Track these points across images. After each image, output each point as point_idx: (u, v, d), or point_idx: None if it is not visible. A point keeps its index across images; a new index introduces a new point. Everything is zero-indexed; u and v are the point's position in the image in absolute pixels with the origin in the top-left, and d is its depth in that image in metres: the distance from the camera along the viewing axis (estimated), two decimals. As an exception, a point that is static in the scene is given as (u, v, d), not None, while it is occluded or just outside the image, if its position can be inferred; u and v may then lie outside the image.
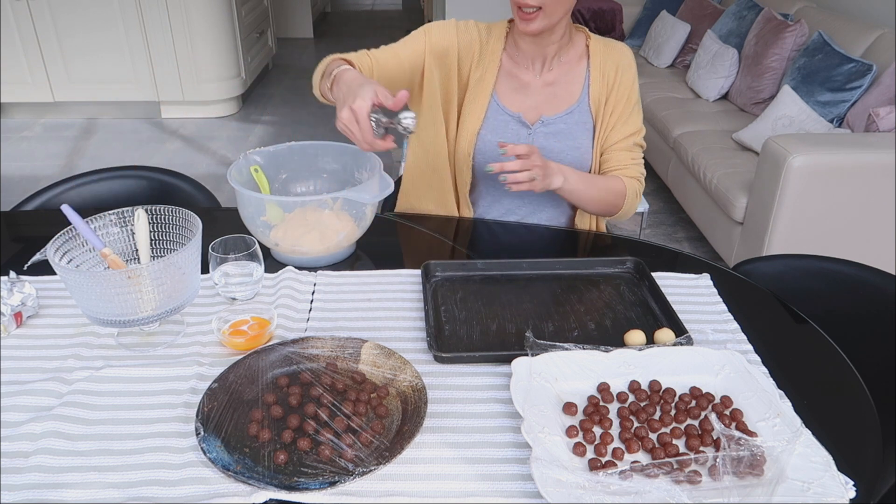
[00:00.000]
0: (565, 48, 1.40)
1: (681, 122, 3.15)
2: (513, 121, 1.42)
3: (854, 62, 2.67)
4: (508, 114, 1.42)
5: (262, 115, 4.61)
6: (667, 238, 3.05)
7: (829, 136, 2.41)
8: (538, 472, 0.77)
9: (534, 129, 1.42)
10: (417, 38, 1.42)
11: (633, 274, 1.23)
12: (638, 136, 1.44)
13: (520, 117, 1.42)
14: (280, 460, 0.82)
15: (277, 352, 1.00)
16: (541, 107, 1.42)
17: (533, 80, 1.42)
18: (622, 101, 1.41)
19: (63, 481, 0.81)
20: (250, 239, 1.17)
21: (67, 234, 1.03)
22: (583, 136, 1.42)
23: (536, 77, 1.42)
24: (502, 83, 1.43)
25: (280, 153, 1.37)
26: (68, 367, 0.98)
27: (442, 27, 1.42)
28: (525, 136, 1.42)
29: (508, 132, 1.42)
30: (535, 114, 1.42)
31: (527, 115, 1.42)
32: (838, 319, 1.16)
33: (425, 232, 1.42)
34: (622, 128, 1.42)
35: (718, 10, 3.80)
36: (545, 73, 1.41)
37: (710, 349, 0.99)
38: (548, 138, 1.41)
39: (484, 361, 1.00)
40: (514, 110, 1.42)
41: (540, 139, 1.41)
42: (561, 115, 1.41)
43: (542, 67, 1.41)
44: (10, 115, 4.47)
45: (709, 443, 0.85)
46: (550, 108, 1.42)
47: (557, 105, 1.42)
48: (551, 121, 1.41)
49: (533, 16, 1.27)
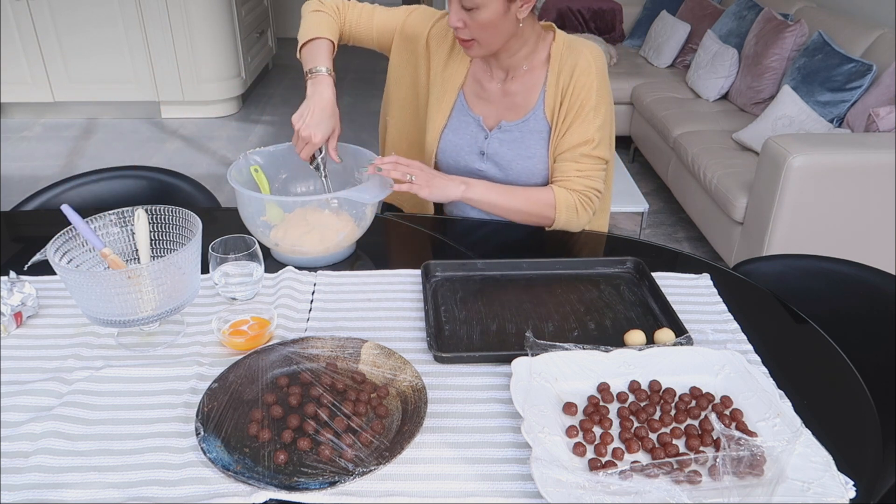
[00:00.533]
0: (529, 57, 1.36)
1: (681, 122, 3.15)
2: (474, 123, 1.42)
3: (854, 62, 2.67)
4: (471, 115, 1.42)
5: (262, 115, 4.61)
6: (667, 238, 3.05)
7: (829, 136, 2.41)
8: (538, 472, 0.77)
9: (491, 135, 1.41)
10: (396, 16, 1.44)
11: (633, 274, 1.23)
12: (588, 147, 1.34)
13: (480, 121, 1.41)
14: (280, 460, 0.82)
15: (277, 352, 1.00)
16: (502, 114, 1.41)
17: (494, 89, 1.40)
18: (575, 107, 1.33)
19: (63, 481, 0.81)
20: (250, 239, 1.17)
21: (67, 234, 1.03)
22: (536, 144, 1.39)
23: (498, 85, 1.40)
24: (469, 85, 1.42)
25: (280, 153, 1.37)
26: (68, 367, 0.98)
27: (422, 13, 1.44)
28: (482, 141, 1.41)
29: (468, 135, 1.43)
30: (496, 119, 1.41)
31: (487, 119, 1.41)
32: (838, 319, 1.16)
33: (425, 232, 1.42)
34: (570, 136, 1.34)
35: (718, 10, 3.80)
36: (507, 82, 1.38)
37: (710, 349, 0.99)
38: (501, 144, 1.40)
39: (484, 361, 1.00)
40: (477, 113, 1.42)
41: (494, 145, 1.41)
42: (517, 122, 1.39)
43: (505, 77, 1.39)
44: (10, 115, 4.47)
45: (709, 443, 0.85)
46: (511, 115, 1.40)
47: (516, 112, 1.40)
48: (509, 128, 1.39)
49: (468, 44, 1.28)
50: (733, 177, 2.58)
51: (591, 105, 1.33)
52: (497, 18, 1.21)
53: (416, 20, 1.43)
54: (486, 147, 1.41)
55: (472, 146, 1.43)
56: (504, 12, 1.21)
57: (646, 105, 3.51)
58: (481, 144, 1.42)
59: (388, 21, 1.44)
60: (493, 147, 1.40)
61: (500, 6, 1.20)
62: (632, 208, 2.62)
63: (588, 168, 1.36)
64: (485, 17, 1.21)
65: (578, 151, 1.35)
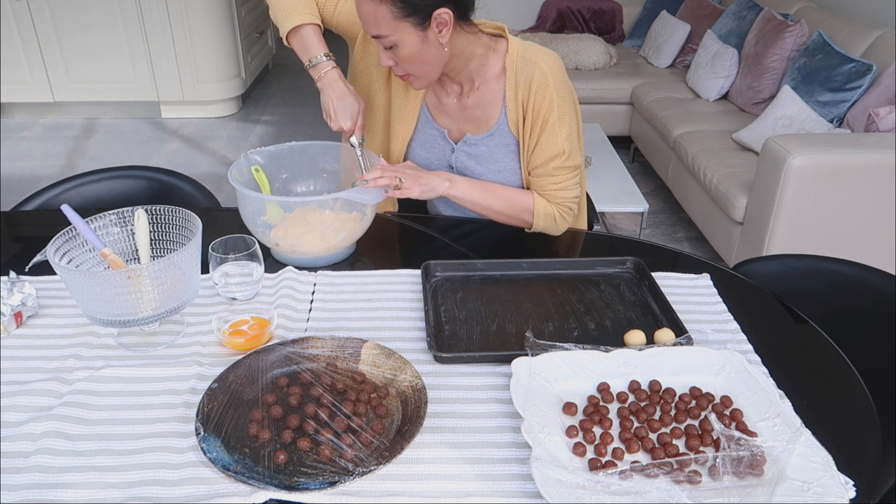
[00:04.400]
0: (481, 71, 1.32)
1: (681, 122, 3.15)
2: (439, 136, 1.41)
3: (854, 62, 2.67)
4: (436, 128, 1.41)
5: (262, 115, 4.61)
6: (667, 238, 3.05)
7: (829, 136, 2.41)
8: (538, 472, 0.77)
9: (457, 148, 1.39)
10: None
11: (633, 274, 1.23)
12: (560, 160, 1.33)
13: (445, 134, 1.40)
14: (280, 460, 0.82)
15: (277, 352, 1.00)
16: (464, 127, 1.39)
17: (451, 104, 1.38)
18: (539, 121, 1.31)
19: (63, 481, 0.81)
20: (250, 239, 1.17)
21: (67, 234, 1.03)
22: (506, 157, 1.38)
23: (455, 100, 1.37)
24: (430, 97, 1.40)
25: (281, 153, 1.37)
26: (68, 367, 0.98)
27: None
28: (449, 154, 1.41)
29: (436, 148, 1.42)
30: (459, 132, 1.40)
31: (451, 132, 1.40)
32: (838, 319, 1.16)
33: (425, 232, 1.42)
34: (540, 152, 1.33)
35: (718, 10, 3.80)
36: (464, 97, 1.36)
37: (710, 349, 0.99)
38: (469, 158, 1.39)
39: (484, 361, 1.00)
40: (441, 126, 1.40)
41: (462, 158, 1.39)
42: (482, 136, 1.37)
43: (460, 91, 1.36)
44: (10, 115, 4.47)
45: (709, 443, 0.85)
46: (473, 128, 1.38)
47: (478, 126, 1.38)
48: (474, 141, 1.38)
49: (407, 79, 1.27)
50: (733, 177, 2.58)
51: (555, 117, 1.31)
52: (418, 50, 1.18)
53: None
54: (454, 161, 1.40)
55: (441, 160, 1.42)
56: (422, 41, 1.18)
57: (646, 105, 3.51)
58: (449, 158, 1.41)
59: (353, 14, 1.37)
60: (461, 161, 1.40)
61: (414, 38, 1.17)
62: (632, 208, 2.61)
63: (564, 180, 1.35)
64: (406, 52, 1.18)
65: (552, 165, 1.34)
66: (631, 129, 3.83)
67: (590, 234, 1.51)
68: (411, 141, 1.43)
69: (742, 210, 2.46)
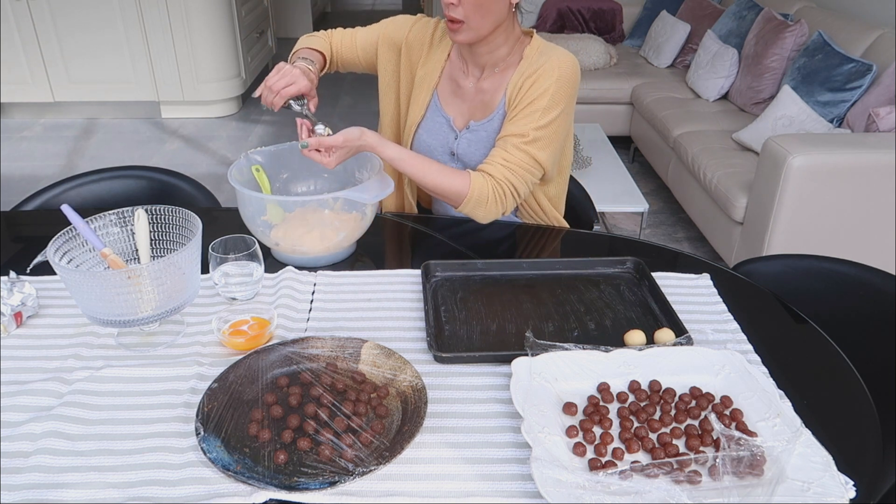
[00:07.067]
0: (505, 59, 1.37)
1: (681, 122, 3.15)
2: (445, 124, 1.44)
3: (854, 62, 2.67)
4: (443, 116, 1.44)
5: (262, 115, 4.61)
6: (667, 238, 3.05)
7: (829, 136, 2.41)
8: (538, 472, 0.77)
9: (460, 135, 1.43)
10: (375, 28, 1.49)
11: (633, 274, 1.23)
12: (519, 140, 1.30)
13: (451, 121, 1.43)
14: (280, 460, 0.82)
15: (277, 352, 1.00)
16: (472, 112, 1.42)
17: (469, 86, 1.42)
18: (525, 101, 1.31)
19: (63, 481, 0.81)
20: (250, 239, 1.17)
21: (67, 234, 1.03)
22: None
23: (473, 83, 1.41)
24: (444, 84, 1.45)
25: (281, 153, 1.37)
26: (68, 367, 0.98)
27: (400, 20, 1.48)
28: (452, 141, 1.44)
29: (440, 134, 1.45)
30: (465, 120, 1.43)
31: (457, 120, 1.43)
32: (838, 319, 1.16)
33: (425, 232, 1.42)
34: (509, 126, 1.32)
35: (718, 10, 3.80)
36: (481, 80, 1.40)
37: (710, 349, 0.99)
38: (469, 144, 1.42)
39: (484, 361, 1.00)
40: (449, 113, 1.44)
41: (463, 144, 1.43)
42: (483, 122, 1.40)
43: (480, 74, 1.40)
44: (10, 115, 4.47)
45: (709, 443, 0.85)
46: (480, 114, 1.41)
47: (484, 112, 1.41)
48: (476, 127, 1.41)
49: (457, 26, 1.28)
50: (733, 177, 2.58)
51: (542, 105, 1.30)
52: None
53: (395, 26, 1.47)
54: (456, 147, 1.43)
55: (444, 147, 1.45)
56: None
57: (646, 105, 3.51)
58: (451, 145, 1.44)
59: (369, 36, 1.49)
60: (462, 147, 1.43)
61: None
62: (632, 208, 2.61)
63: (515, 161, 1.31)
64: None
65: (510, 142, 1.31)
66: (631, 129, 3.83)
67: (590, 234, 1.52)
68: (418, 127, 1.46)
69: (742, 210, 2.46)
